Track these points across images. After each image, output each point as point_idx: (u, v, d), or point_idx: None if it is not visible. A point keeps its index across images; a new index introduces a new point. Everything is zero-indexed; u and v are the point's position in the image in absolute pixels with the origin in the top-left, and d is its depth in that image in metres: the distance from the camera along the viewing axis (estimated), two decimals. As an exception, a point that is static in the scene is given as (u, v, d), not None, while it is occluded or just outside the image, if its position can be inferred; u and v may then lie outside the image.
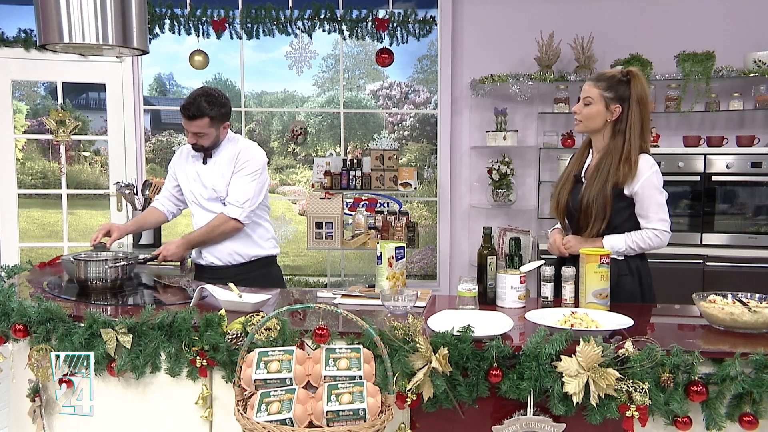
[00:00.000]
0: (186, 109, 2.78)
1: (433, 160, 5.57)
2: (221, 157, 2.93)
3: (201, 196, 2.94)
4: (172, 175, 3.09)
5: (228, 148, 2.94)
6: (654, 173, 2.36)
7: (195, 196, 2.97)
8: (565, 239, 2.47)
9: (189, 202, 3.03)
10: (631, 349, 1.68)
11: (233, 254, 2.93)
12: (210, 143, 2.88)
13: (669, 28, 4.67)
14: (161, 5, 4.59)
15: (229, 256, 2.93)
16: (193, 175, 2.96)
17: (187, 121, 2.80)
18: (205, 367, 1.92)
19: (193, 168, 2.97)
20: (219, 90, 2.90)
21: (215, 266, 2.95)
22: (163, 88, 10.79)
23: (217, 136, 2.88)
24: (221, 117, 2.85)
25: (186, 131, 2.86)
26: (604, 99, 2.40)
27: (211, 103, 2.80)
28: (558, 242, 2.47)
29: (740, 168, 4.27)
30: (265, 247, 3.00)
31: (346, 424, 1.52)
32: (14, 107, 4.92)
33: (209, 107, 2.79)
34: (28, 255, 4.92)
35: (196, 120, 2.79)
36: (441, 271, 5.09)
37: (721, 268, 4.20)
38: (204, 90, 2.84)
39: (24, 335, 2.03)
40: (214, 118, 2.82)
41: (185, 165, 3.01)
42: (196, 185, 2.96)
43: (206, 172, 2.93)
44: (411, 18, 4.65)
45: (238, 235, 2.91)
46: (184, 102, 2.81)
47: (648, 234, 2.36)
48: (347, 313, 1.66)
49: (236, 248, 2.92)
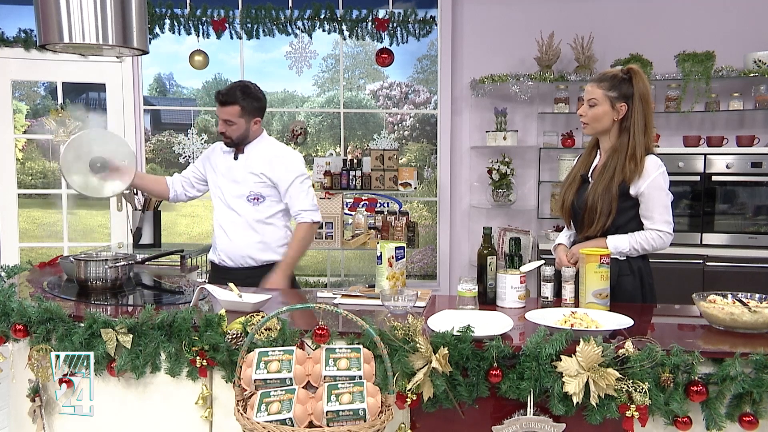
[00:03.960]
0: (220, 94, 2.88)
1: (433, 160, 5.57)
2: (253, 155, 2.95)
3: (228, 192, 2.96)
4: (200, 163, 3.12)
5: (261, 148, 2.96)
6: (661, 174, 2.36)
7: (222, 191, 2.99)
8: (570, 253, 2.46)
9: (213, 197, 3.05)
10: (631, 349, 1.68)
11: (246, 258, 2.94)
12: (238, 136, 2.91)
13: (669, 28, 4.67)
14: (161, 5, 4.59)
15: (241, 258, 2.95)
16: (222, 170, 2.99)
17: (220, 107, 2.88)
18: (205, 367, 1.92)
19: (224, 162, 2.99)
20: (258, 86, 2.96)
21: (228, 267, 2.97)
22: (163, 88, 10.78)
23: (247, 129, 2.91)
24: (252, 110, 2.89)
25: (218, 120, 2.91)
26: (609, 99, 2.40)
27: (245, 94, 2.88)
28: (564, 261, 2.44)
29: (740, 168, 4.27)
30: (279, 252, 2.98)
31: (346, 424, 1.52)
32: (14, 107, 4.92)
33: (242, 96, 2.86)
34: (28, 255, 4.92)
35: (227, 106, 2.86)
36: (441, 271, 5.09)
37: (721, 268, 4.20)
38: (242, 82, 2.94)
39: (24, 335, 2.03)
40: (245, 108, 2.87)
41: (217, 158, 3.04)
42: (223, 180, 2.98)
43: (237, 168, 2.95)
44: (411, 18, 4.65)
45: (252, 240, 2.93)
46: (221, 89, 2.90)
47: (652, 235, 2.36)
48: (347, 313, 1.66)
49: (250, 253, 2.94)
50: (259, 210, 2.93)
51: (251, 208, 2.93)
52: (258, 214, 2.93)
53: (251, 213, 2.93)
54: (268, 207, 2.95)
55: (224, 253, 2.98)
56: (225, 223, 2.98)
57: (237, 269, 2.95)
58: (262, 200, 2.93)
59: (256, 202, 2.92)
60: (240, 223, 2.94)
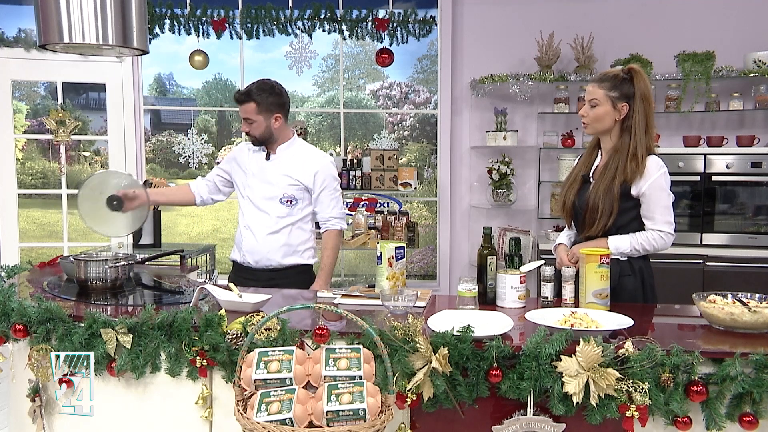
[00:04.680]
0: (237, 92, 2.88)
1: (433, 160, 5.57)
2: (287, 157, 2.93)
3: (259, 193, 2.93)
4: (226, 165, 3.09)
5: (294, 151, 2.95)
6: (662, 175, 2.36)
7: (252, 191, 2.96)
8: (570, 253, 2.46)
9: (241, 197, 3.02)
10: (631, 349, 1.68)
11: (271, 260, 2.93)
12: (261, 134, 2.88)
13: (669, 28, 4.67)
14: (161, 5, 4.59)
15: (266, 260, 2.94)
16: (254, 170, 2.96)
17: (239, 106, 2.88)
18: (205, 367, 1.92)
19: (256, 163, 2.97)
20: (277, 83, 2.93)
21: (251, 267, 2.96)
22: (163, 88, 10.78)
23: (268, 127, 2.88)
24: (269, 106, 2.86)
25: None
26: (611, 99, 2.40)
27: (260, 90, 2.86)
28: (565, 261, 2.44)
29: (740, 168, 4.27)
30: (304, 256, 2.97)
31: (346, 424, 1.52)
32: (14, 107, 4.92)
33: (257, 92, 2.85)
34: (28, 255, 4.92)
35: (243, 104, 2.86)
36: (441, 271, 5.09)
37: (721, 268, 4.20)
38: (261, 79, 2.92)
39: (24, 335, 2.03)
40: (261, 104, 2.84)
41: (246, 159, 3.01)
42: (255, 180, 2.96)
43: (270, 169, 2.93)
44: (411, 18, 4.64)
45: (278, 242, 2.92)
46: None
47: (653, 235, 2.36)
48: (347, 313, 1.66)
49: (275, 255, 2.92)
50: (290, 212, 2.92)
51: (283, 210, 2.91)
52: (290, 217, 2.92)
53: (282, 214, 2.91)
54: (300, 210, 2.93)
55: (249, 254, 2.95)
56: (253, 224, 2.95)
57: (260, 270, 2.94)
58: (295, 203, 2.91)
59: (289, 205, 2.91)
60: (269, 224, 2.92)
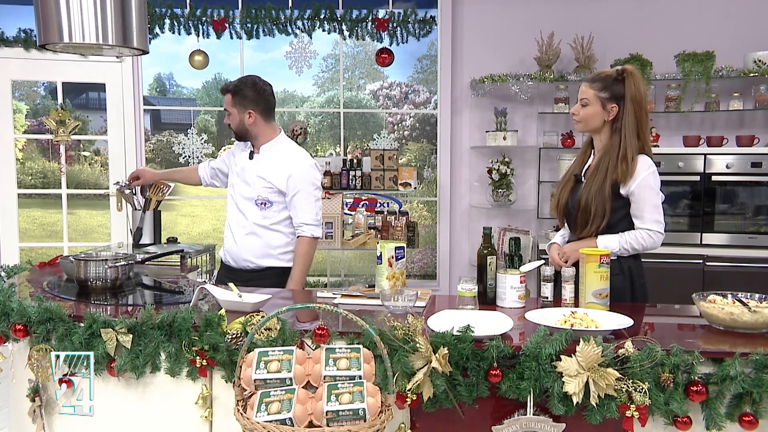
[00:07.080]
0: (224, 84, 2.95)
1: (433, 160, 5.57)
2: (267, 156, 2.93)
3: (239, 192, 2.96)
4: (227, 157, 3.15)
5: (275, 152, 2.94)
6: (651, 174, 2.36)
7: (234, 189, 3.00)
8: (560, 252, 2.47)
9: (228, 195, 3.06)
10: (631, 349, 1.68)
11: (246, 261, 2.94)
12: (235, 127, 2.92)
13: (669, 28, 4.67)
14: (161, 5, 4.59)
15: (243, 261, 2.95)
16: (237, 169, 3.00)
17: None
18: (205, 367, 1.92)
19: (240, 162, 3.00)
20: (263, 82, 2.94)
21: (232, 267, 2.98)
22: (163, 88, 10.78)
23: (241, 121, 2.89)
24: (243, 100, 2.87)
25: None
26: (600, 99, 2.40)
27: (241, 83, 2.89)
28: (557, 259, 2.45)
29: (740, 168, 4.27)
30: (282, 259, 2.94)
31: (346, 424, 1.52)
32: (14, 107, 4.92)
33: (236, 85, 2.88)
34: (28, 255, 4.93)
35: (224, 95, 2.91)
36: (441, 271, 5.09)
37: (721, 268, 4.20)
38: (250, 75, 2.96)
39: (24, 335, 2.03)
40: (236, 97, 2.87)
41: (237, 155, 3.05)
42: (237, 179, 2.99)
43: (249, 169, 2.94)
44: (411, 18, 4.65)
45: (255, 244, 2.91)
46: None
47: (642, 234, 2.37)
48: (347, 313, 1.66)
49: (251, 256, 2.93)
50: (265, 215, 2.90)
51: (258, 212, 2.90)
52: (263, 220, 2.90)
53: (257, 217, 2.90)
54: (274, 213, 2.90)
55: (228, 253, 2.99)
56: (233, 224, 2.97)
57: (239, 270, 2.95)
58: (269, 205, 2.89)
59: (263, 207, 2.89)
60: (245, 225, 2.92)
